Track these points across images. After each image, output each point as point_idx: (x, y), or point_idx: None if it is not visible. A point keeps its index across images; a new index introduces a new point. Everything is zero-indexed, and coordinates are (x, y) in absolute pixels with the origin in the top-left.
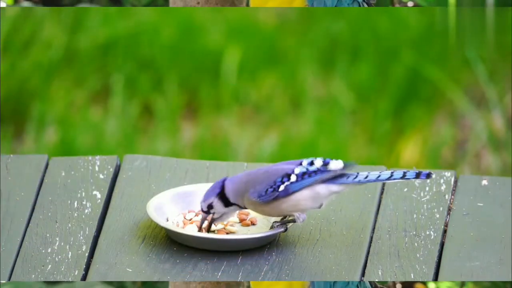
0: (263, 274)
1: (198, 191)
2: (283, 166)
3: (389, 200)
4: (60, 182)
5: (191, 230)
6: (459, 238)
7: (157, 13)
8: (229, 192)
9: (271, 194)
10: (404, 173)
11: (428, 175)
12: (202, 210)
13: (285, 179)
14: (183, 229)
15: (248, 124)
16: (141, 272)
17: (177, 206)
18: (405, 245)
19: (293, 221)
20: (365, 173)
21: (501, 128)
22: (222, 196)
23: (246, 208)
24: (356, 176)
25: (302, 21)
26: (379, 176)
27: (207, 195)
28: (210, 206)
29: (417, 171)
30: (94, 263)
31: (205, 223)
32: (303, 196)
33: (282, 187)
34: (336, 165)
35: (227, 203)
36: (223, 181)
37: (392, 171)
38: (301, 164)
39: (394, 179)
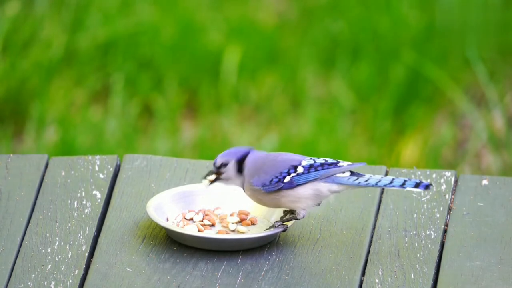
0: (263, 274)
1: (198, 191)
2: (290, 157)
3: (389, 200)
4: (60, 182)
5: (191, 230)
6: (460, 237)
7: (157, 13)
8: (249, 164)
9: (275, 185)
10: (404, 181)
11: (427, 187)
12: (214, 165)
13: (291, 170)
14: (183, 229)
15: (248, 124)
16: (141, 272)
17: (177, 206)
18: (405, 245)
19: (294, 218)
20: (367, 176)
21: (501, 128)
22: (240, 162)
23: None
24: (357, 178)
25: (302, 21)
26: (379, 181)
27: (227, 154)
28: (224, 165)
29: (417, 181)
30: (94, 263)
31: (212, 177)
32: (305, 194)
33: (287, 179)
34: (344, 164)
35: (241, 171)
36: (249, 151)
37: (393, 178)
38: (311, 158)
39: (393, 186)
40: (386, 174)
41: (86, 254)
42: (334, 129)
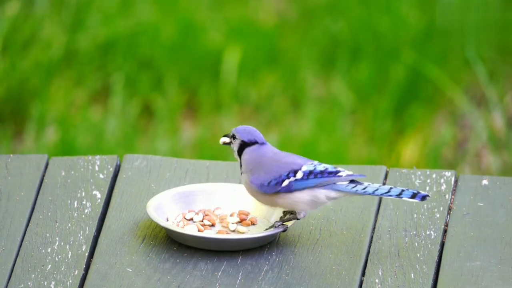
0: (263, 274)
1: (198, 191)
2: (293, 160)
3: (389, 200)
4: (60, 182)
5: (191, 230)
6: (460, 238)
7: (157, 13)
8: (247, 154)
9: (273, 187)
10: (402, 191)
11: (424, 198)
12: (227, 135)
13: (291, 174)
14: (183, 229)
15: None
16: (141, 272)
17: (177, 206)
18: (406, 245)
19: (294, 218)
20: (365, 184)
21: (501, 128)
22: (243, 146)
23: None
24: (355, 186)
25: (302, 21)
26: (376, 189)
27: (242, 130)
28: (233, 137)
29: (414, 191)
30: (94, 263)
31: (227, 139)
32: (302, 199)
33: (286, 182)
34: (344, 174)
35: (239, 153)
36: (257, 142)
37: (391, 187)
38: (312, 164)
39: (390, 195)
40: (386, 174)
41: (86, 254)
42: (334, 129)
